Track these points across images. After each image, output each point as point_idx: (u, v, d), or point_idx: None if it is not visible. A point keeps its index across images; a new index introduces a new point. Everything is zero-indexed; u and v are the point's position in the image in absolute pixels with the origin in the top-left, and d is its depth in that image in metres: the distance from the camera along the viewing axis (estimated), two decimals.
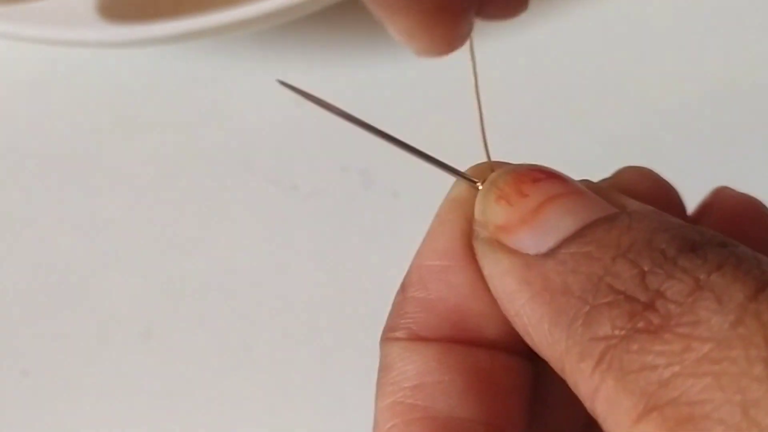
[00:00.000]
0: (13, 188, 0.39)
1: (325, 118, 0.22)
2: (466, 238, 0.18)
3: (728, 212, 0.19)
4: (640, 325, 0.14)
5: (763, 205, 0.19)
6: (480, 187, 0.18)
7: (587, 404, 0.15)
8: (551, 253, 0.16)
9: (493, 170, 0.18)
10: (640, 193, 0.18)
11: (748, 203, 0.19)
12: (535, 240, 0.16)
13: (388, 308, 0.21)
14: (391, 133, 0.19)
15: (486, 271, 0.17)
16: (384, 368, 0.19)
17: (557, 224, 0.16)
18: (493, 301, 0.18)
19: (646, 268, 0.15)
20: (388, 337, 0.19)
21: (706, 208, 0.20)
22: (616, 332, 0.14)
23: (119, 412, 0.34)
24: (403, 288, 0.19)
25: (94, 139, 0.40)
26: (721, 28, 0.38)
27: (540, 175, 0.17)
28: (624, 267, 0.15)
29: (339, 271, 0.35)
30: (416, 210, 0.36)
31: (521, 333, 0.17)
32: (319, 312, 0.35)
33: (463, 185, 0.19)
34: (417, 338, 0.18)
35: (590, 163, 0.36)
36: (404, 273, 0.21)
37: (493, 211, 0.17)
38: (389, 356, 0.18)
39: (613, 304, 0.15)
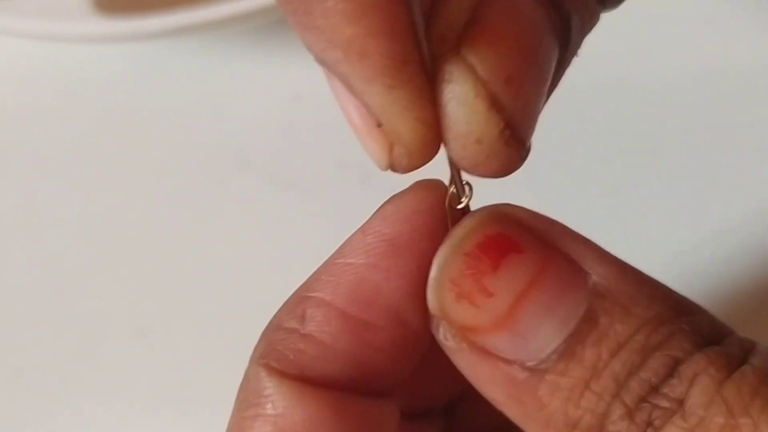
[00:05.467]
0: (7, 184, 0.39)
1: (322, 114, 0.22)
2: (404, 291, 0.17)
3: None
4: None
5: None
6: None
7: None
8: (540, 371, 0.15)
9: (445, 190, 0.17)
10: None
11: None
12: (515, 347, 0.15)
13: None
14: None
15: (460, 367, 0.16)
16: (260, 398, 0.17)
17: (538, 331, 0.15)
18: (395, 360, 0.17)
19: (633, 406, 0.15)
20: (271, 367, 0.17)
21: None
22: None
23: (114, 410, 0.34)
24: (303, 318, 0.17)
25: (89, 135, 0.40)
26: (719, 24, 0.38)
27: (497, 257, 0.16)
28: (618, 408, 0.15)
29: None
30: None
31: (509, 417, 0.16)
32: None
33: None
34: (310, 383, 0.16)
35: (589, 160, 0.36)
36: None
37: (455, 312, 0.16)
38: (271, 390, 0.17)
39: None
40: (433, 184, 0.17)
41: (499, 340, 0.15)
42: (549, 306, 0.15)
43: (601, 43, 0.38)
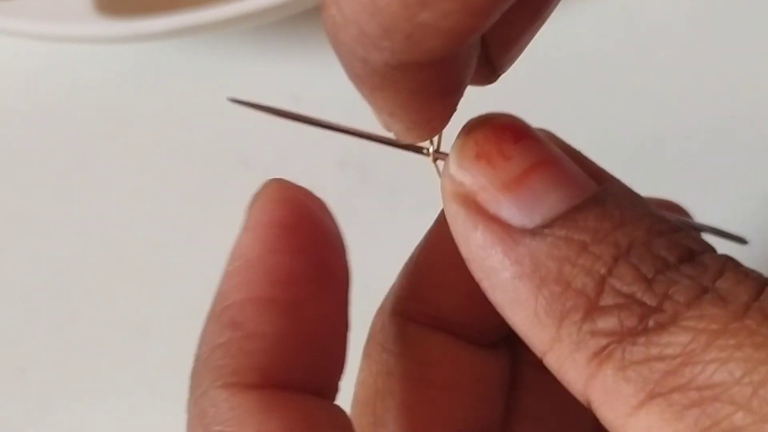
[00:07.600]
0: (8, 184, 0.39)
1: (322, 113, 0.22)
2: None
3: None
4: (651, 324, 0.14)
5: None
6: (429, 153, 0.18)
7: (577, 390, 0.15)
8: (540, 232, 0.15)
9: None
10: None
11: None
12: (520, 212, 0.16)
13: None
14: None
15: (458, 235, 0.16)
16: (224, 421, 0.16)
17: (544, 198, 0.16)
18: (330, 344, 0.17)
19: (650, 276, 0.15)
20: (230, 383, 0.16)
21: None
22: (625, 330, 0.15)
23: (116, 409, 0.34)
24: (232, 325, 0.17)
25: (90, 135, 0.40)
26: (720, 24, 0.38)
27: (518, 134, 0.17)
28: (628, 271, 0.15)
29: None
30: (414, 206, 0.36)
31: (494, 303, 0.16)
32: None
33: None
34: (274, 384, 0.16)
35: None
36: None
37: (472, 169, 0.16)
38: (236, 411, 0.16)
39: (623, 306, 0.15)
40: (281, 180, 0.19)
41: (507, 206, 0.16)
42: (559, 180, 0.16)
43: (600, 42, 0.38)
